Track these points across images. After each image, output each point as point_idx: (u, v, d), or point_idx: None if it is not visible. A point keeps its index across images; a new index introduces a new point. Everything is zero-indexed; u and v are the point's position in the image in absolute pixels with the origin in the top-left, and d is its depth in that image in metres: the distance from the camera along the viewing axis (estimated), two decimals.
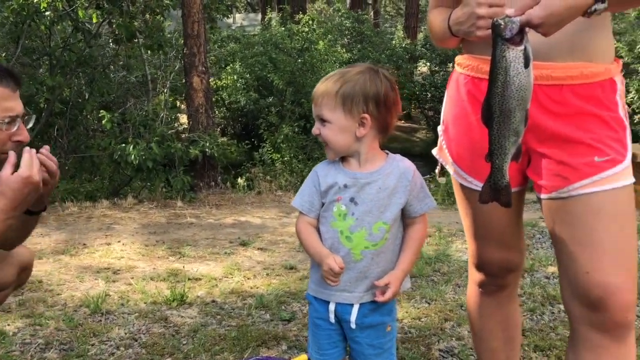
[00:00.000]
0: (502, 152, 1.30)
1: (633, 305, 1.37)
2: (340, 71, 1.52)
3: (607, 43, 1.45)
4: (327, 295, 1.57)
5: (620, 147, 1.40)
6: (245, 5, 31.65)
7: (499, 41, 1.24)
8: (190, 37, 6.58)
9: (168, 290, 3.09)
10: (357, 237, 1.51)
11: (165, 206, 5.81)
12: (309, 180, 1.58)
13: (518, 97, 1.24)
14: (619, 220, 1.37)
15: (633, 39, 11.63)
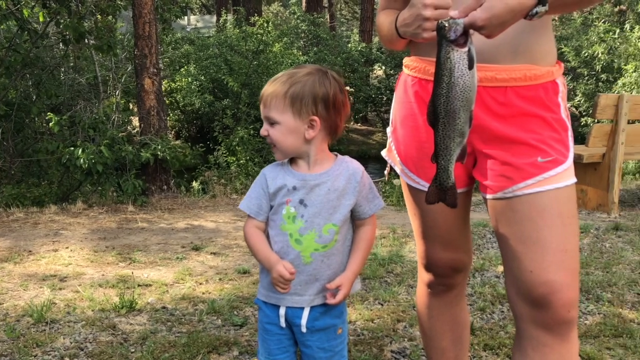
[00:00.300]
0: (447, 153, 1.31)
1: (576, 302, 1.40)
2: (288, 72, 1.50)
3: (550, 45, 1.48)
4: (277, 300, 1.56)
5: (563, 148, 1.43)
6: (200, 7, 31.32)
7: (444, 43, 1.25)
8: (142, 38, 6.45)
9: (117, 297, 3.01)
10: (307, 240, 1.50)
11: (116, 211, 5.68)
12: (257, 182, 1.55)
13: (462, 98, 1.25)
14: (562, 220, 1.40)
15: (579, 44, 11.99)
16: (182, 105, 13.32)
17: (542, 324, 1.40)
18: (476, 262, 3.59)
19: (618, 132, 5.21)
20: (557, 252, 1.38)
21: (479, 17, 1.23)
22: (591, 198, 5.53)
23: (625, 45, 10.47)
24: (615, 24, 12.48)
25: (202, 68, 12.86)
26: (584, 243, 4.08)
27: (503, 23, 1.25)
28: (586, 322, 2.73)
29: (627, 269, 3.49)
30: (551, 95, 1.45)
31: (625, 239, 4.20)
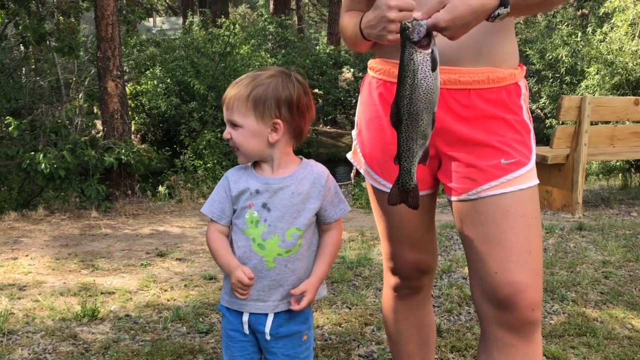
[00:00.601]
0: (410, 155, 1.31)
1: (539, 302, 1.41)
2: (251, 74, 1.47)
3: (512, 48, 1.48)
4: (239, 306, 1.52)
5: (525, 149, 1.44)
6: (165, 8, 31.00)
7: (407, 44, 1.24)
8: (104, 41, 6.32)
9: (79, 305, 2.93)
10: (270, 245, 1.47)
11: (79, 217, 5.55)
12: (220, 186, 1.52)
13: (425, 100, 1.25)
14: (526, 221, 1.40)
15: (544, 46, 12.19)
16: (148, 108, 13.15)
17: (507, 325, 1.40)
18: (443, 263, 3.60)
19: (581, 134, 5.30)
20: (521, 253, 1.38)
21: (442, 18, 1.23)
22: (556, 198, 5.62)
23: (587, 48, 10.69)
24: (578, 27, 12.74)
25: (168, 70, 12.72)
26: (549, 243, 4.13)
27: (466, 24, 1.25)
28: (551, 321, 2.75)
29: (591, 269, 3.54)
30: (514, 98, 1.45)
31: (589, 238, 4.27)
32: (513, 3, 1.27)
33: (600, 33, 10.80)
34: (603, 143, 5.70)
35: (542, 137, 11.86)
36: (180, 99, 12.45)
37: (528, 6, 1.35)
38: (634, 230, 4.53)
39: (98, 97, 6.93)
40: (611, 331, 2.63)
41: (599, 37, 10.73)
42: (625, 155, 6.16)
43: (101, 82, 6.46)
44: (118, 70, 6.41)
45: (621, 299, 3.04)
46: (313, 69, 18.62)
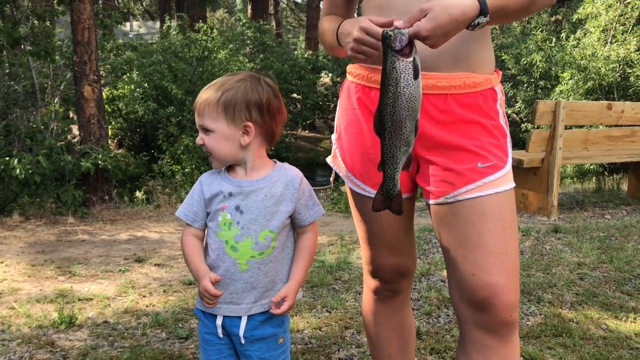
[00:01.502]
0: (393, 162, 1.32)
1: (517, 304, 1.43)
2: (221, 80, 1.49)
3: (488, 54, 1.51)
4: (214, 309, 1.52)
5: (502, 153, 1.46)
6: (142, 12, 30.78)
7: (389, 52, 1.26)
8: (81, 45, 6.26)
9: (56, 312, 2.89)
10: (243, 247, 1.48)
11: (55, 223, 5.47)
12: (193, 189, 1.54)
13: (408, 107, 1.27)
14: (503, 223, 1.42)
15: (519, 52, 12.36)
16: (125, 113, 13.04)
17: (485, 326, 1.42)
18: (422, 266, 3.63)
19: (556, 138, 5.39)
20: (499, 255, 1.40)
21: (424, 27, 1.25)
22: (532, 202, 5.70)
23: (561, 53, 10.87)
24: (552, 33, 12.95)
25: (145, 75, 12.63)
26: (526, 246, 4.19)
27: (447, 33, 1.28)
28: (528, 323, 2.79)
29: (566, 270, 3.60)
30: (490, 103, 1.48)
31: (564, 241, 4.34)
32: (492, 12, 1.30)
33: (574, 39, 10.99)
34: (577, 147, 5.80)
35: (517, 141, 12.03)
36: (158, 104, 12.36)
37: (506, 15, 1.37)
38: (607, 232, 4.62)
39: (74, 101, 6.85)
40: (586, 331, 2.68)
41: (572, 42, 10.92)
42: (599, 158, 6.28)
43: (77, 87, 6.39)
44: (95, 74, 6.35)
45: (596, 299, 3.10)
46: (291, 74, 18.66)
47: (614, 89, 10.10)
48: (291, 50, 21.22)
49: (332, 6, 1.66)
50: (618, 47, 9.90)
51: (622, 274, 3.53)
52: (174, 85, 11.52)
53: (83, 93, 6.32)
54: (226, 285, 1.49)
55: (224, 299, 1.50)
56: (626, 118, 5.93)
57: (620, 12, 10.06)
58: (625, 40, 9.93)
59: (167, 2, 21.82)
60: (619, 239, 4.40)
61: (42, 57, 6.61)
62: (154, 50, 13.61)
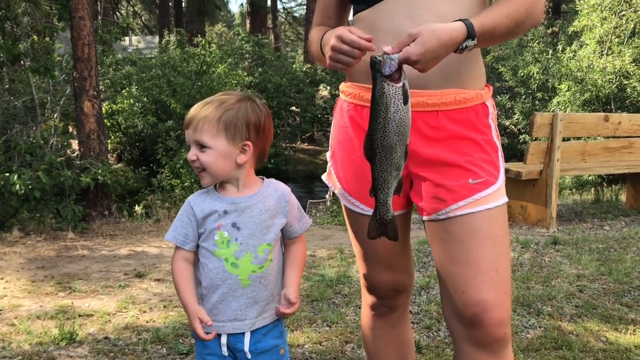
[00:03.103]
0: (385, 187, 1.33)
1: (507, 320, 1.44)
2: (218, 99, 1.52)
3: (478, 70, 1.52)
4: (217, 328, 1.53)
5: (493, 169, 1.48)
6: (141, 27, 30.96)
7: (379, 78, 1.27)
8: (80, 61, 6.30)
9: (56, 328, 2.89)
10: (244, 262, 1.50)
11: (55, 238, 5.48)
12: (182, 212, 1.55)
13: (398, 132, 1.28)
14: (493, 240, 1.44)
15: (516, 63, 12.44)
16: (124, 127, 13.09)
17: (477, 342, 1.44)
18: (422, 280, 3.64)
19: (554, 150, 5.42)
20: (488, 272, 1.42)
21: (414, 52, 1.26)
22: (531, 213, 5.71)
23: (558, 65, 10.94)
24: (549, 44, 13.04)
25: (144, 89, 12.69)
26: (525, 258, 4.20)
27: (436, 57, 1.29)
28: (528, 335, 2.80)
29: (566, 282, 3.61)
30: (481, 117, 1.49)
31: (563, 252, 4.35)
32: (479, 35, 1.32)
33: (570, 51, 11.06)
34: (575, 158, 5.83)
35: (516, 153, 12.08)
36: (157, 118, 12.41)
37: (493, 38, 1.39)
38: (606, 243, 4.63)
39: (74, 116, 6.88)
40: (586, 344, 2.69)
41: (568, 54, 10.99)
42: (597, 170, 6.31)
43: (77, 102, 6.42)
44: (94, 90, 6.39)
45: (595, 312, 3.11)
46: (290, 87, 18.75)
47: (611, 100, 10.16)
48: (290, 64, 21.34)
49: (324, 17, 1.68)
50: (614, 58, 9.97)
51: (621, 285, 3.54)
52: (173, 100, 11.57)
53: (83, 109, 6.35)
54: (229, 302, 1.51)
55: (227, 317, 1.52)
56: (623, 129, 5.97)
57: (615, 25, 10.15)
58: (620, 52, 10.00)
59: (166, 17, 21.98)
60: (617, 251, 4.41)
61: (42, 73, 6.65)
62: (153, 64, 13.69)
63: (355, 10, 1.57)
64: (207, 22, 22.69)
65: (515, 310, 3.12)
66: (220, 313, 1.52)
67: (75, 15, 6.27)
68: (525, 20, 1.40)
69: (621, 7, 10.07)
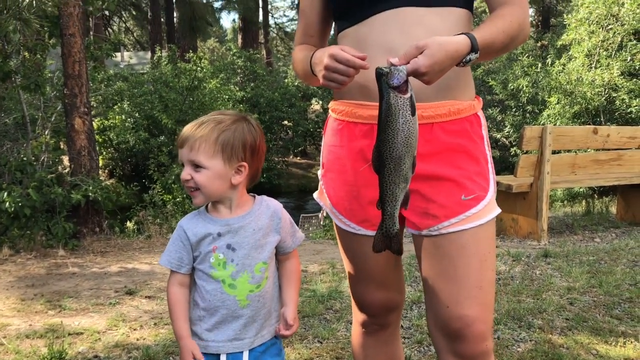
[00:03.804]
0: (393, 200, 1.32)
1: (489, 334, 1.47)
2: (214, 118, 1.50)
3: (469, 81, 1.54)
4: (217, 348, 1.53)
5: (484, 182, 1.49)
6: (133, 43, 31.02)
7: (387, 89, 1.26)
8: (71, 78, 6.31)
9: (45, 347, 2.87)
10: (241, 283, 1.50)
11: (46, 256, 5.45)
12: (175, 236, 1.54)
13: (407, 144, 1.27)
14: (479, 256, 1.46)
15: (505, 77, 12.55)
16: (116, 143, 13.07)
17: (460, 354, 1.46)
18: (413, 294, 3.63)
19: (543, 162, 5.45)
20: (472, 288, 1.44)
21: (423, 64, 1.26)
22: (522, 226, 5.73)
23: (547, 78, 11.04)
24: (538, 58, 13.17)
25: (136, 105, 12.71)
26: (516, 271, 4.21)
27: (443, 69, 1.31)
28: (518, 349, 2.80)
29: (556, 295, 3.61)
30: (476, 128, 1.51)
31: (554, 265, 4.36)
32: (481, 49, 1.34)
33: (559, 64, 11.17)
34: (565, 171, 5.87)
35: (507, 165, 12.15)
36: (149, 133, 12.41)
37: (491, 52, 1.42)
38: (597, 256, 4.65)
39: (65, 133, 6.87)
40: (577, 357, 2.69)
41: (558, 67, 11.09)
42: (587, 182, 6.35)
43: (68, 119, 6.42)
44: (85, 106, 6.39)
45: (586, 324, 3.11)
46: (282, 102, 18.82)
47: (600, 113, 10.25)
48: (282, 79, 21.44)
49: (306, 36, 1.68)
50: (602, 71, 10.07)
51: (611, 298, 3.55)
52: (165, 115, 11.58)
53: (74, 125, 6.34)
54: (229, 323, 1.51)
55: (227, 337, 1.51)
56: (612, 142, 6.02)
57: (603, 38, 10.26)
58: (609, 65, 10.11)
59: (158, 33, 22.05)
60: (608, 263, 4.43)
61: (32, 90, 6.65)
62: (145, 80, 13.71)
63: (340, 27, 1.58)
64: (199, 37, 22.78)
65: (506, 323, 3.12)
66: (220, 333, 1.52)
67: (66, 33, 6.29)
68: (518, 35, 1.44)
69: (608, 21, 10.19)
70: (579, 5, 10.75)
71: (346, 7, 1.53)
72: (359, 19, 1.50)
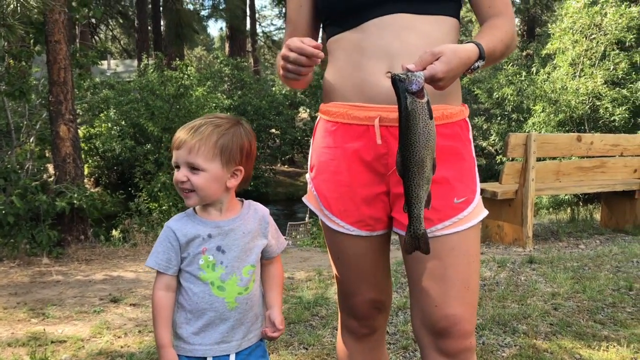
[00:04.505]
0: (418, 202, 1.35)
1: (472, 331, 1.52)
2: (211, 122, 1.50)
3: (458, 87, 1.59)
4: (204, 352, 1.52)
5: (473, 184, 1.54)
6: (120, 51, 30.93)
7: (406, 95, 1.28)
8: (56, 85, 6.27)
9: (28, 356, 2.84)
10: (230, 285, 1.50)
11: (29, 264, 5.39)
12: (162, 237, 1.53)
13: (428, 147, 1.30)
14: (468, 258, 1.49)
15: (490, 86, 12.66)
16: (102, 151, 13.00)
17: (444, 352, 1.50)
18: (399, 300, 3.64)
19: (528, 169, 5.50)
20: (460, 289, 1.48)
21: (440, 69, 1.30)
22: (507, 233, 5.77)
23: (532, 87, 11.15)
24: (523, 67, 13.29)
25: (122, 113, 12.66)
26: (501, 277, 4.23)
27: (456, 76, 1.35)
28: (503, 354, 2.81)
29: (541, 301, 3.64)
30: (465, 132, 1.56)
31: (539, 271, 4.39)
32: (486, 57, 1.40)
33: (544, 73, 11.29)
34: (549, 178, 5.92)
35: (493, 173, 12.22)
36: (135, 141, 12.36)
37: (491, 60, 1.47)
38: (581, 262, 4.69)
39: (50, 140, 6.83)
40: None
41: (542, 76, 11.21)
42: (571, 189, 6.41)
43: (53, 126, 6.38)
44: (71, 114, 6.35)
45: (570, 329, 3.13)
46: (269, 110, 18.84)
47: (584, 121, 10.36)
48: (269, 87, 21.46)
49: None
50: (586, 80, 10.19)
51: (594, 303, 3.57)
52: (151, 123, 11.54)
53: (59, 132, 6.30)
54: (217, 326, 1.50)
55: (214, 340, 1.51)
56: (595, 149, 6.08)
57: (587, 47, 10.39)
58: (592, 74, 10.23)
59: (145, 41, 21.99)
60: (592, 269, 4.47)
61: (17, 97, 6.60)
62: (132, 88, 13.67)
63: (331, 32, 1.59)
64: (186, 45, 22.76)
65: (491, 329, 3.14)
66: (207, 336, 1.51)
67: (51, 39, 6.26)
68: (511, 44, 1.51)
69: (592, 31, 10.33)
70: (563, 15, 10.89)
71: (340, 14, 1.55)
72: (353, 24, 1.52)
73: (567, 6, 10.72)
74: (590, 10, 10.18)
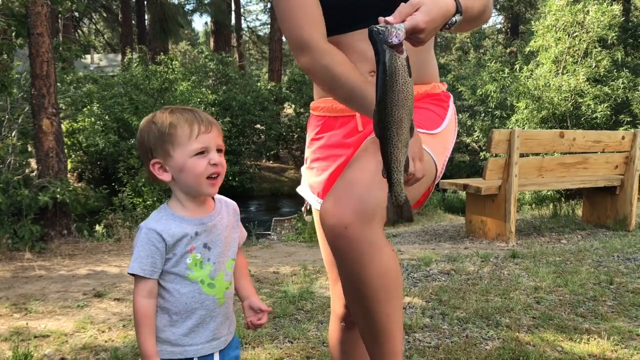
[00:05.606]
0: (398, 165, 1.23)
1: (341, 225, 1.35)
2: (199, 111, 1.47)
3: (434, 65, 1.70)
4: (194, 352, 1.48)
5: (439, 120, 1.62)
6: (104, 45, 30.63)
7: (385, 49, 1.17)
8: (39, 78, 6.21)
9: (10, 351, 2.81)
10: (219, 281, 1.48)
11: (12, 259, 5.34)
12: (144, 240, 1.42)
13: (406, 106, 1.19)
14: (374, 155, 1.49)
15: (474, 83, 12.74)
16: (85, 146, 12.88)
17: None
18: None
19: (511, 165, 5.55)
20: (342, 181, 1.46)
21: (422, 19, 1.22)
22: (490, 228, 5.82)
23: (515, 84, 11.24)
24: (506, 64, 13.39)
25: (106, 107, 12.55)
26: (484, 271, 4.27)
27: (436, 28, 1.28)
28: (486, 347, 2.84)
29: (524, 294, 3.68)
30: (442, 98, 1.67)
31: (521, 265, 4.44)
32: (463, 12, 1.36)
33: (527, 70, 11.38)
34: (532, 174, 5.98)
35: (477, 169, 12.32)
36: (119, 136, 12.26)
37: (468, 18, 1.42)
38: (563, 256, 4.75)
39: (32, 135, 6.76)
40: (542, 354, 2.74)
41: (525, 73, 11.30)
42: (554, 185, 6.48)
43: (35, 120, 6.31)
44: (53, 107, 6.29)
45: (552, 322, 3.17)
46: (254, 105, 18.77)
47: (567, 118, 10.47)
48: (254, 82, 21.38)
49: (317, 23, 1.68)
50: (569, 77, 10.29)
51: (576, 296, 3.63)
52: (135, 117, 11.46)
53: (41, 126, 6.24)
54: (207, 324, 1.47)
55: (205, 339, 1.47)
56: (578, 145, 6.15)
57: (569, 45, 10.50)
58: (575, 71, 10.33)
59: (129, 35, 21.81)
60: (573, 263, 4.53)
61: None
62: (115, 82, 13.55)
63: None
64: (170, 39, 22.60)
65: (475, 322, 3.17)
66: (197, 336, 1.46)
67: (34, 32, 6.19)
68: (487, 9, 1.51)
69: (574, 29, 10.43)
70: (546, 13, 10.99)
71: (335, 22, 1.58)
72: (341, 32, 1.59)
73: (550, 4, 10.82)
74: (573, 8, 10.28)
